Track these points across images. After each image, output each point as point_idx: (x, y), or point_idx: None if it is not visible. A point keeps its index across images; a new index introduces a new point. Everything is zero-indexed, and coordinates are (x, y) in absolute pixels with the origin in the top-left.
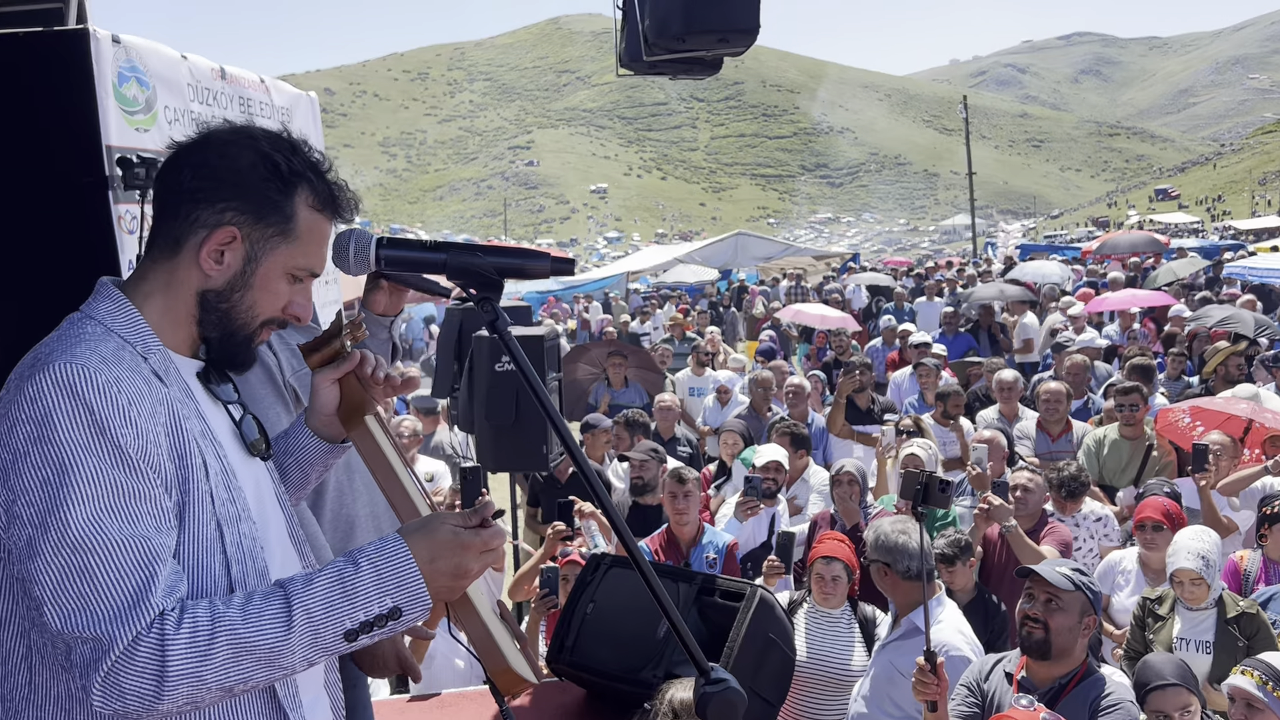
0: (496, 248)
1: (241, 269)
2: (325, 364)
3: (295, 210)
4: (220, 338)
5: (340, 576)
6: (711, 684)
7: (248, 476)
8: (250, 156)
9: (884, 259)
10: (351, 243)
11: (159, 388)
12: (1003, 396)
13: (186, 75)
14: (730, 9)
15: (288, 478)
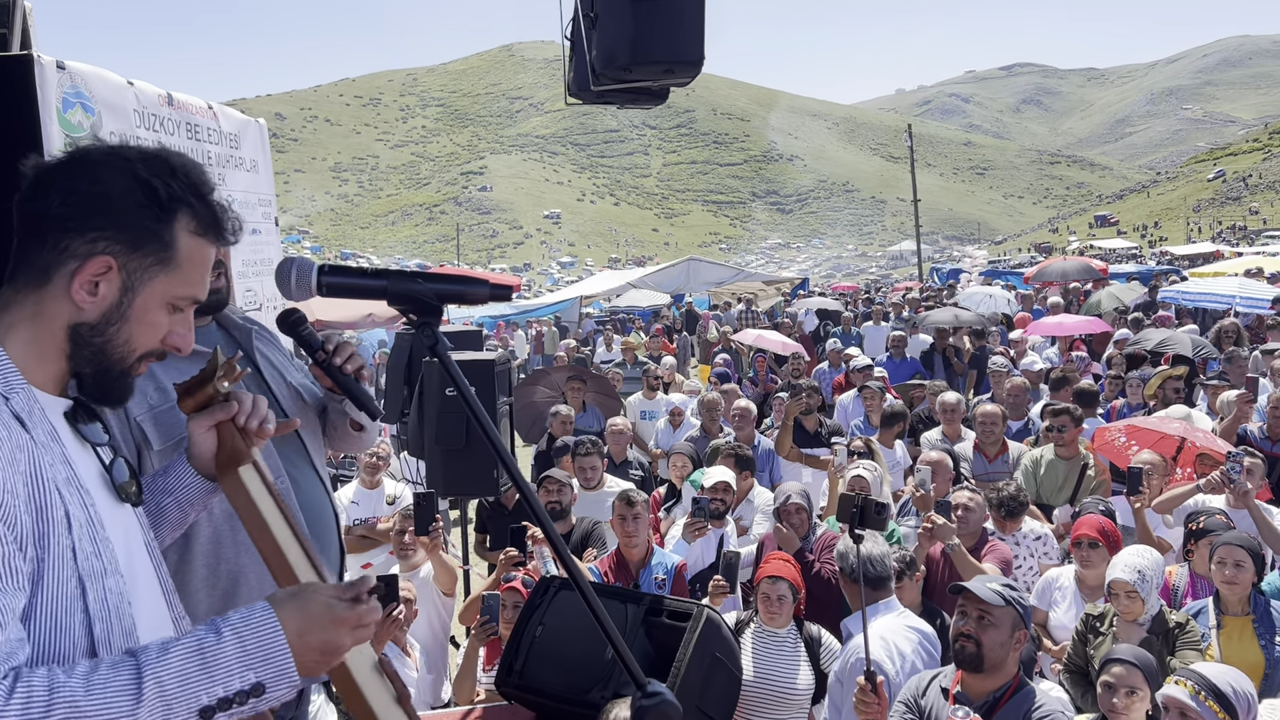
0: (436, 274)
1: (117, 301)
2: (199, 409)
3: (175, 237)
4: (94, 373)
5: (200, 647)
6: (647, 697)
7: (116, 525)
8: (125, 182)
9: (833, 284)
10: (293, 270)
11: (19, 432)
12: (945, 418)
13: (133, 101)
14: (675, 41)
15: (165, 516)
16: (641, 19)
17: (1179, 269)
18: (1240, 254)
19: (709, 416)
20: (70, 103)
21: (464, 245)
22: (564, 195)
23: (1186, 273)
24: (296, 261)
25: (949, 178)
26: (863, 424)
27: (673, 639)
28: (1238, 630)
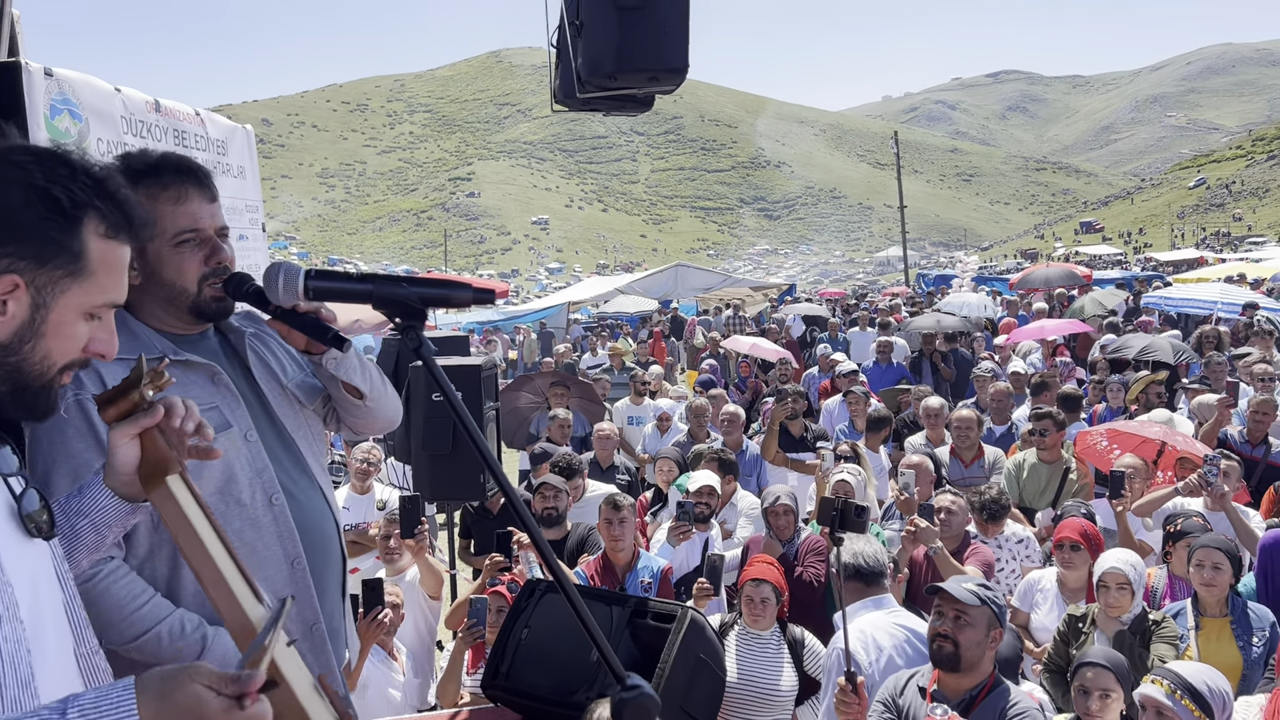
0: (420, 278)
1: (29, 318)
2: (122, 417)
3: (84, 245)
4: (12, 391)
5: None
6: (627, 690)
7: (22, 563)
8: (21, 193)
9: (820, 290)
10: (280, 275)
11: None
12: (929, 423)
13: (120, 108)
14: (660, 49)
15: (80, 540)
16: (626, 27)
17: (1163, 275)
18: (1224, 260)
19: (696, 422)
20: (58, 109)
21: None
22: (552, 201)
23: (1170, 279)
24: (284, 266)
25: (935, 184)
26: (848, 429)
27: (657, 640)
28: (1216, 631)
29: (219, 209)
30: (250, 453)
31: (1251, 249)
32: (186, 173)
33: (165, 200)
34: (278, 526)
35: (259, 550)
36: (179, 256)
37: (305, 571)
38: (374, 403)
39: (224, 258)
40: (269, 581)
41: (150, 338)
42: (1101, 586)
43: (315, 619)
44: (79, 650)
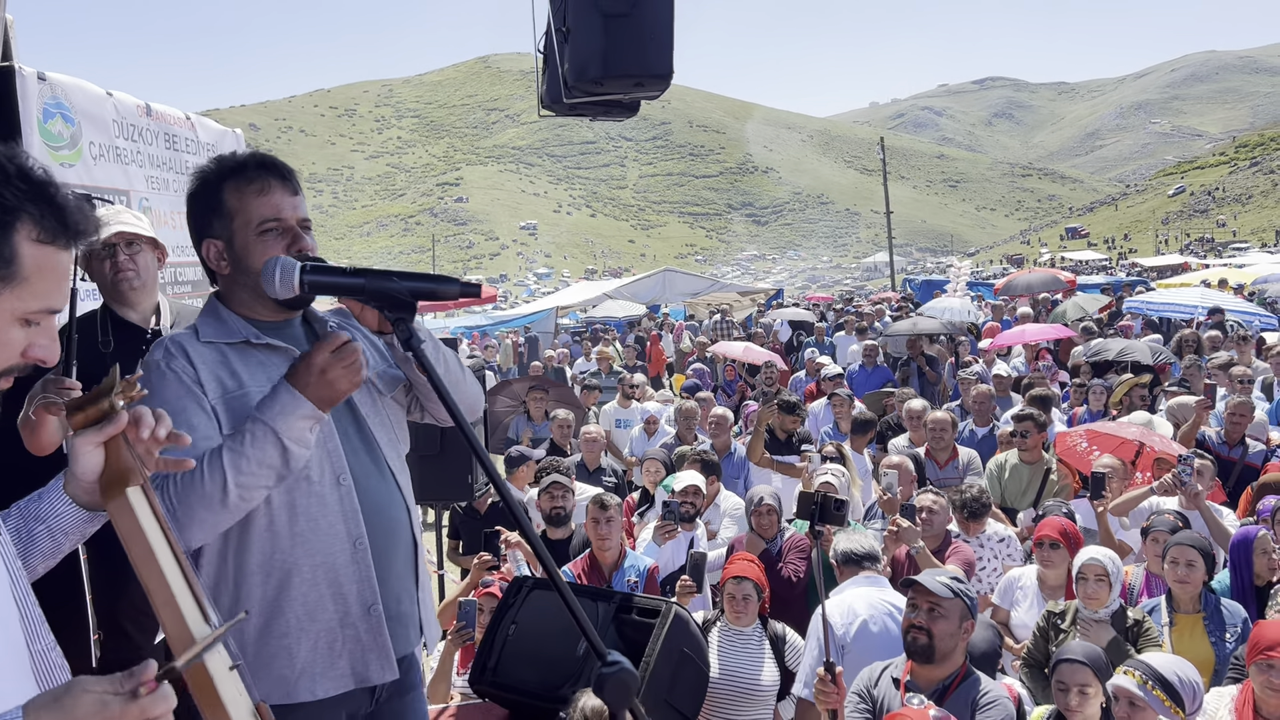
0: (410, 273)
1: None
2: (89, 425)
3: (16, 251)
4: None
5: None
6: (607, 666)
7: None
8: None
9: (808, 295)
10: (277, 268)
11: None
12: (912, 425)
13: (111, 112)
14: (645, 55)
15: (36, 545)
16: (612, 33)
17: (1147, 280)
18: (1208, 265)
19: (685, 424)
20: (51, 113)
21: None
22: (540, 206)
23: (1154, 284)
24: (280, 260)
25: (922, 190)
26: (832, 431)
27: (642, 635)
28: (1189, 627)
29: (301, 201)
30: (323, 433)
31: (1235, 254)
32: (269, 167)
33: (250, 193)
34: (343, 506)
35: (322, 526)
36: (263, 245)
37: (366, 552)
38: (453, 384)
39: (305, 246)
40: (330, 558)
41: (238, 325)
42: (1080, 579)
43: (374, 600)
44: (34, 647)
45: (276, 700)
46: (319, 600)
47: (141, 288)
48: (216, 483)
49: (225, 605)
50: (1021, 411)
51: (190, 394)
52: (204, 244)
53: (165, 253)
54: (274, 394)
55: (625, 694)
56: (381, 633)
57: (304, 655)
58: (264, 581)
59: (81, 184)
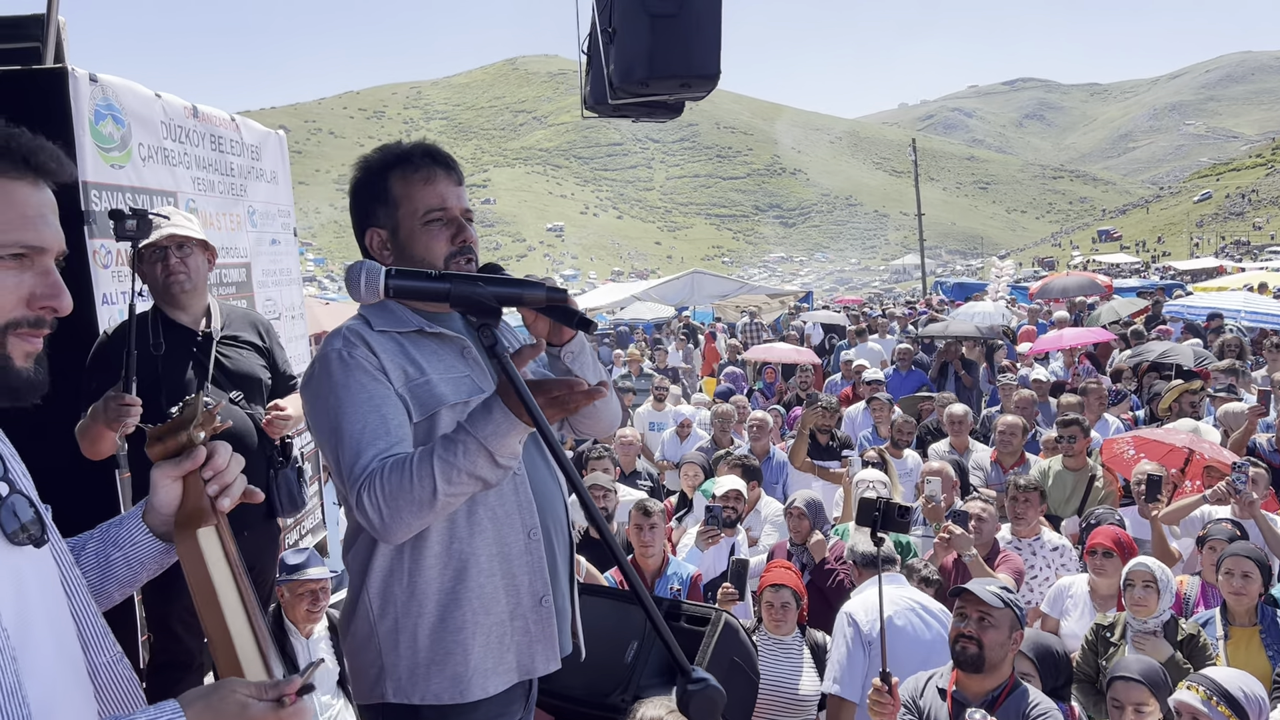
0: (495, 278)
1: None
2: (167, 456)
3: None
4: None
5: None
6: (693, 683)
7: (6, 571)
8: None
9: (836, 297)
10: (362, 273)
11: None
12: (953, 430)
13: (160, 113)
14: (692, 56)
15: (112, 572)
16: (659, 34)
17: (1183, 284)
18: (1243, 269)
19: (721, 427)
20: (102, 114)
21: None
22: (567, 208)
23: (1190, 288)
24: (366, 265)
25: (952, 192)
26: (871, 435)
27: (691, 643)
28: (1244, 640)
29: (464, 192)
30: None
31: (1271, 258)
32: (435, 156)
33: (416, 182)
34: (518, 497)
35: (499, 516)
36: (427, 235)
37: (539, 543)
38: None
39: (468, 237)
40: (506, 549)
41: (406, 314)
42: (1128, 585)
43: (545, 592)
44: (97, 660)
45: (449, 700)
46: (494, 592)
47: (193, 290)
48: (426, 489)
49: (399, 598)
50: (1066, 417)
51: (377, 382)
52: (367, 233)
53: (215, 254)
54: (487, 411)
55: (712, 711)
56: (550, 624)
57: (477, 651)
58: (441, 572)
59: (131, 185)
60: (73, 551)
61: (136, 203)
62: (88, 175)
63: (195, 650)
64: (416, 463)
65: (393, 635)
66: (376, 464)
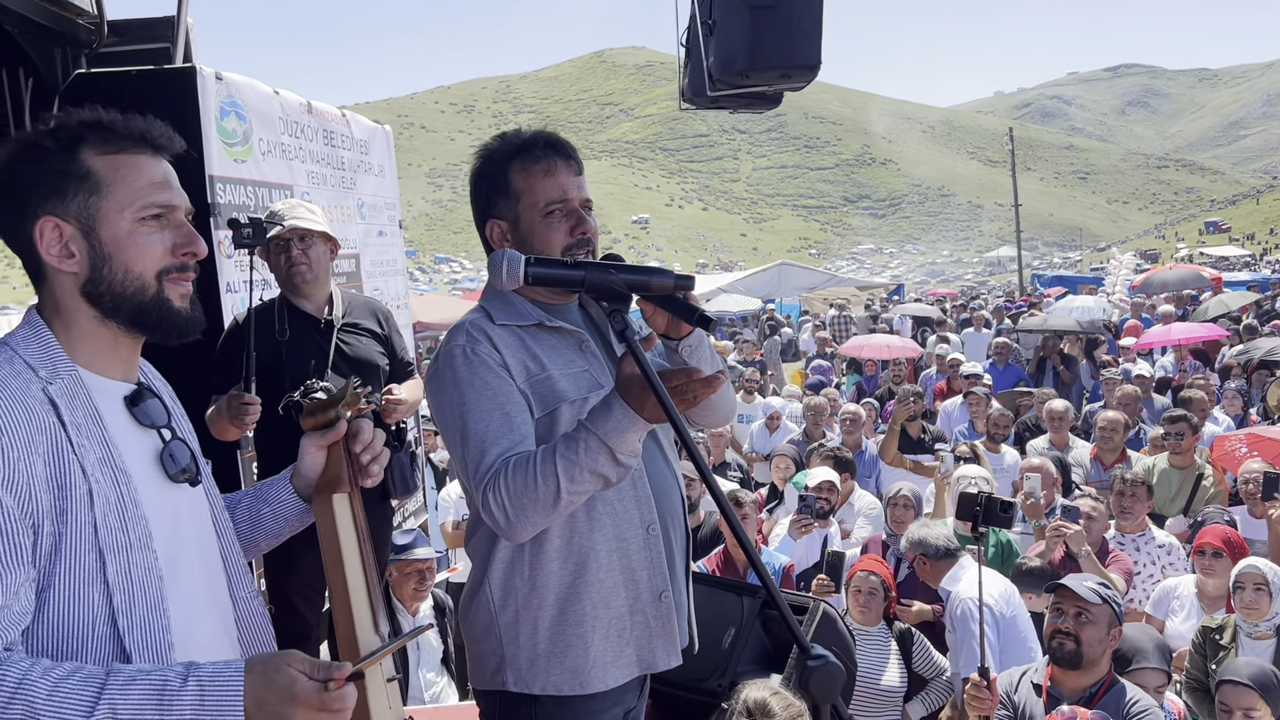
0: (626, 265)
1: (88, 245)
2: (317, 429)
3: (87, 166)
4: (131, 315)
5: (163, 687)
6: (813, 659)
7: (163, 504)
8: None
9: (928, 290)
10: (504, 261)
11: (46, 416)
12: (1053, 426)
13: (278, 109)
14: (793, 46)
15: (261, 525)
16: (760, 25)
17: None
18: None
19: (813, 420)
20: (226, 111)
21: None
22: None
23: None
24: (507, 254)
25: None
26: (967, 430)
27: (789, 632)
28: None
29: (583, 182)
30: None
31: None
32: (554, 147)
33: (536, 173)
34: (636, 492)
35: (618, 512)
36: (547, 227)
37: (658, 539)
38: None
39: (587, 228)
40: (625, 544)
41: (526, 307)
42: (1238, 588)
43: (664, 587)
44: (238, 594)
45: (569, 691)
46: (613, 587)
47: (314, 280)
48: (550, 488)
49: (520, 590)
50: (1174, 413)
51: (500, 379)
52: (488, 224)
53: (338, 245)
54: (607, 409)
55: (832, 687)
56: (670, 620)
57: (597, 644)
58: (561, 566)
59: (252, 179)
60: (229, 505)
61: (256, 196)
62: (213, 169)
63: (313, 623)
64: (540, 462)
65: (513, 627)
66: (500, 464)
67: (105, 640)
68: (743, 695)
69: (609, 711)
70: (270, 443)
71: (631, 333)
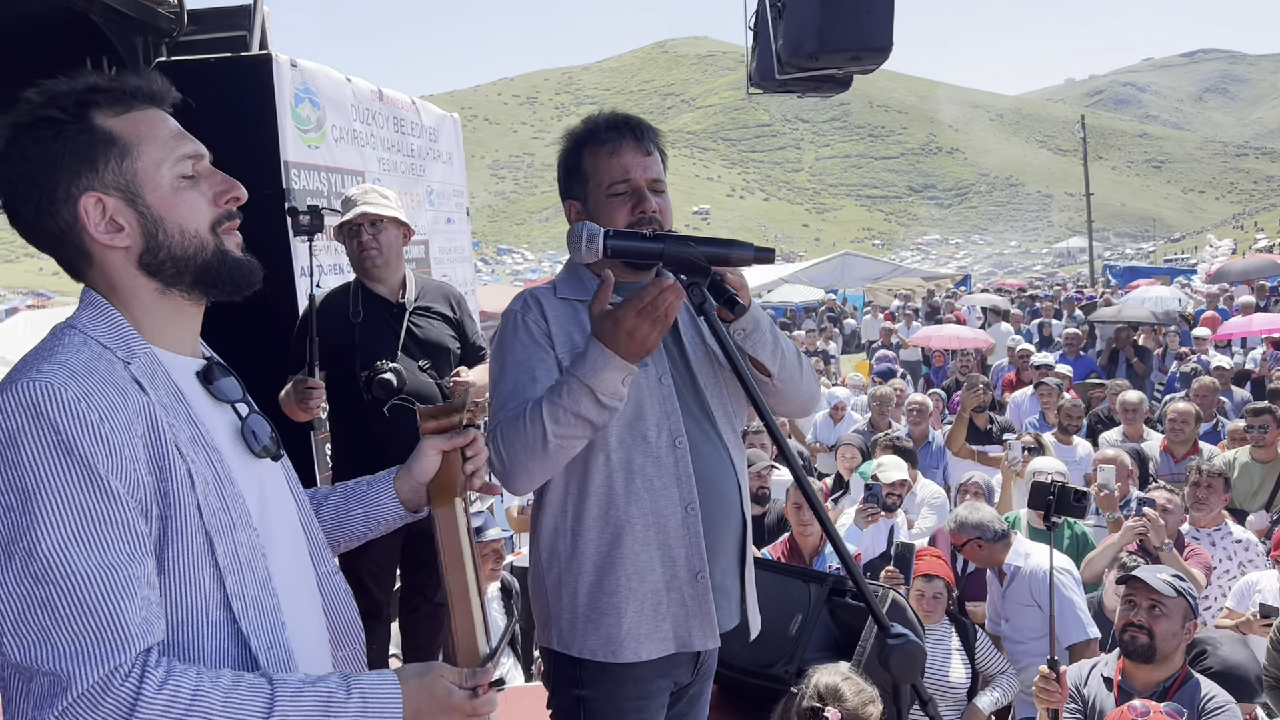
0: (706, 238)
1: (136, 212)
2: (438, 433)
3: (108, 130)
4: (195, 276)
5: (328, 699)
6: (893, 638)
7: (250, 480)
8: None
9: (997, 281)
10: (584, 234)
11: (137, 396)
12: (1127, 418)
13: (350, 96)
14: (865, 28)
15: (349, 526)
16: (830, 6)
17: None
18: None
19: (878, 410)
20: (300, 98)
21: None
22: (714, 191)
23: None
24: (586, 227)
25: (1122, 171)
26: (1038, 421)
27: (856, 619)
28: None
29: (653, 162)
30: (662, 395)
31: None
32: (621, 126)
33: (602, 154)
34: (677, 469)
35: (657, 488)
36: (610, 206)
37: (697, 519)
38: (782, 383)
39: (648, 207)
40: (661, 520)
41: (592, 283)
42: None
43: (701, 567)
44: (319, 569)
45: (602, 657)
46: (648, 561)
47: (384, 265)
48: (537, 432)
49: (562, 555)
50: (1259, 405)
51: (537, 345)
52: (565, 204)
53: (411, 230)
54: (585, 351)
55: (913, 666)
56: (706, 600)
57: (630, 616)
58: (599, 536)
59: (325, 165)
60: (312, 503)
61: (329, 181)
62: (288, 155)
63: (383, 602)
64: (530, 409)
65: (557, 589)
66: (505, 415)
67: (220, 625)
68: (813, 680)
69: (654, 682)
70: (344, 424)
71: (710, 306)
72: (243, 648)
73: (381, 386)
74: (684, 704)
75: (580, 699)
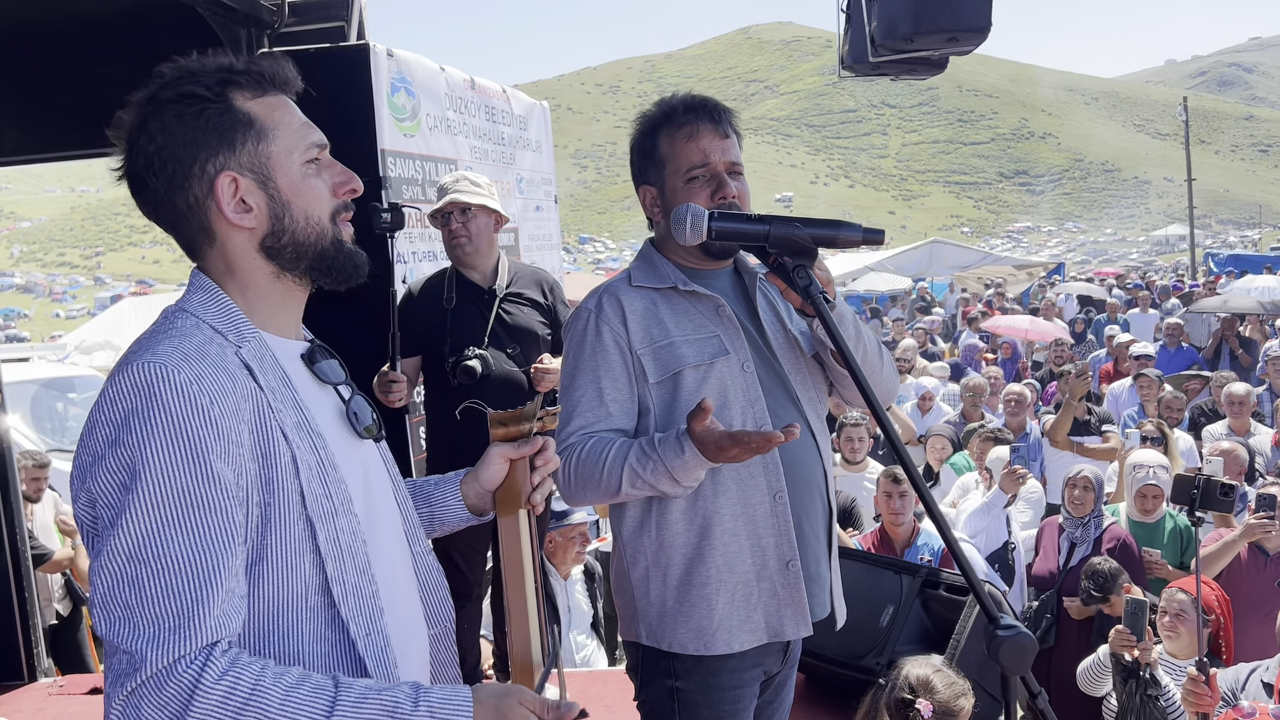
0: (811, 219)
1: (267, 195)
2: (508, 440)
3: (247, 112)
4: (313, 264)
5: (394, 709)
6: (1004, 629)
7: (354, 463)
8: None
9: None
10: (688, 215)
11: (246, 381)
12: (1233, 411)
13: (444, 85)
14: (961, 8)
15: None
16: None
17: None
18: None
19: (972, 401)
20: (396, 87)
21: None
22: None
23: None
24: (690, 208)
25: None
26: (1137, 413)
27: (949, 612)
28: None
29: (731, 145)
30: (745, 382)
31: None
32: (698, 109)
33: (679, 139)
34: (764, 459)
35: (744, 478)
36: (689, 192)
37: (786, 507)
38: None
39: (728, 193)
40: (750, 509)
41: (668, 270)
42: None
43: (791, 556)
44: (414, 549)
45: (693, 650)
46: (738, 551)
47: (475, 252)
48: (612, 484)
49: (648, 549)
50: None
51: (606, 354)
52: (641, 190)
53: (503, 218)
54: (680, 446)
55: (1024, 658)
56: (799, 589)
57: (722, 607)
58: (687, 528)
59: (420, 153)
60: None
61: (423, 170)
62: (385, 143)
63: (473, 581)
64: (611, 459)
65: (644, 583)
66: (580, 438)
67: (318, 610)
68: (904, 672)
69: (747, 672)
70: (436, 409)
71: (816, 289)
72: (341, 632)
73: (465, 373)
74: (770, 691)
75: (674, 690)
